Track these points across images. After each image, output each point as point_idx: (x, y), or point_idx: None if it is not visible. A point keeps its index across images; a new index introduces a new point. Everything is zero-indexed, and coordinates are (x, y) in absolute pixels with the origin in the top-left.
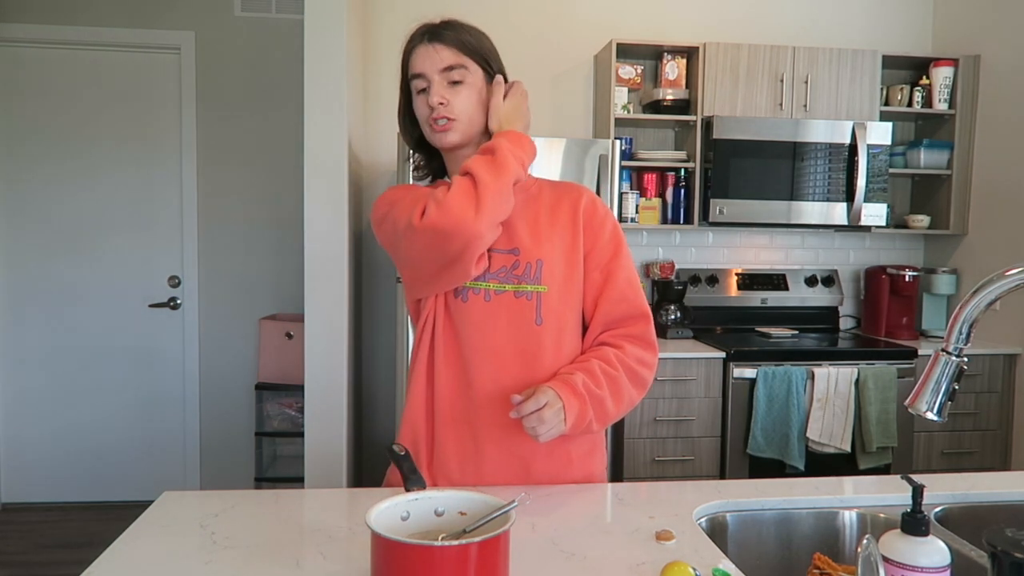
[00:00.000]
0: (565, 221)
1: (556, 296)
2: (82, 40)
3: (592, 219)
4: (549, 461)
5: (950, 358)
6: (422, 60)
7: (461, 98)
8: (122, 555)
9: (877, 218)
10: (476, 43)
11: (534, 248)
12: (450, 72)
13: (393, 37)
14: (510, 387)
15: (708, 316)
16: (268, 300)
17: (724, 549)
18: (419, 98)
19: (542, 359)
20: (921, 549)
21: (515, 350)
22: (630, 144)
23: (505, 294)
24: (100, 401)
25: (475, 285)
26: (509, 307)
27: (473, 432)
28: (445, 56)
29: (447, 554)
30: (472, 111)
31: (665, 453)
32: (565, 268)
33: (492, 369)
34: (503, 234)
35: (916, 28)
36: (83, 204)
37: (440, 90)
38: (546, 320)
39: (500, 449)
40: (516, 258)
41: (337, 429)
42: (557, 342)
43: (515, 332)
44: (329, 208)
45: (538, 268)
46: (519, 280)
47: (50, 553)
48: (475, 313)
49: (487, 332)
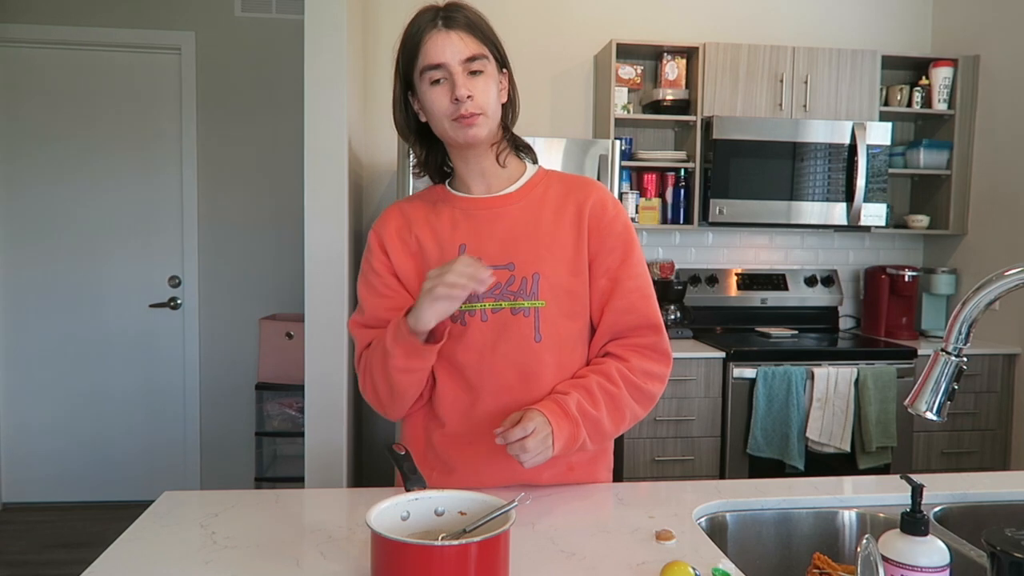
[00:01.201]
0: (568, 225)
1: (555, 310)
2: (82, 40)
3: (600, 221)
4: (552, 474)
5: (949, 358)
6: (440, 49)
7: (484, 89)
8: (122, 555)
9: (877, 218)
10: (488, 29)
11: (531, 261)
12: (472, 63)
13: (393, 37)
14: (512, 406)
15: (708, 316)
16: (268, 300)
17: (724, 549)
18: (435, 90)
19: (542, 376)
20: (920, 549)
21: (515, 370)
22: (630, 144)
23: (502, 312)
24: (100, 401)
25: (471, 307)
26: (506, 326)
27: (475, 450)
28: (469, 45)
29: (447, 554)
30: (494, 103)
31: (665, 453)
32: (567, 278)
33: (494, 389)
34: (498, 248)
35: (916, 28)
36: (83, 204)
37: (465, 80)
38: (545, 336)
39: (502, 467)
40: (511, 273)
41: (337, 429)
42: (558, 357)
43: (513, 351)
44: (329, 208)
45: (534, 282)
46: (515, 296)
47: (50, 553)
48: (473, 335)
49: (486, 354)
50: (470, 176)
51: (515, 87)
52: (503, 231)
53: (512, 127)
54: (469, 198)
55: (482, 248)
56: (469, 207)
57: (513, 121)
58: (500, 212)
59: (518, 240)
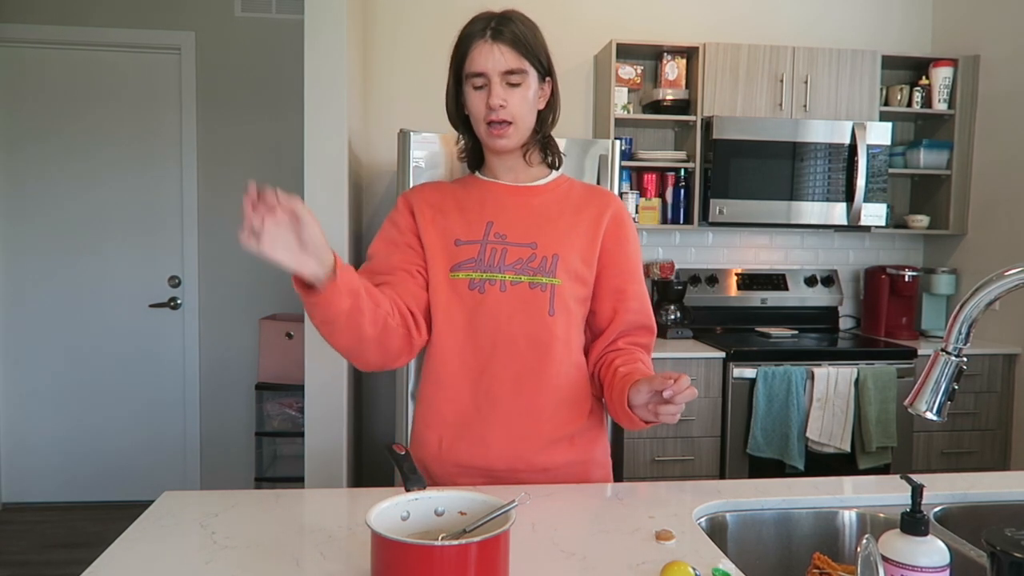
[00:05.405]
0: (587, 222)
1: (569, 290)
2: (82, 40)
3: (619, 228)
4: (554, 447)
5: (949, 358)
6: (484, 59)
7: (518, 100)
8: (122, 555)
9: (877, 218)
10: (534, 42)
11: (552, 243)
12: (510, 76)
13: (393, 37)
14: (522, 374)
15: (708, 316)
16: (268, 300)
17: (724, 549)
18: (476, 94)
19: (553, 348)
20: (920, 549)
21: (528, 339)
22: (630, 144)
23: (520, 285)
24: (101, 401)
25: (491, 277)
26: (523, 297)
27: (483, 416)
28: (508, 59)
29: (447, 554)
30: (526, 113)
31: (665, 453)
32: (581, 266)
33: (506, 357)
34: (523, 228)
35: (916, 28)
36: (83, 204)
37: (500, 91)
38: (558, 311)
39: (508, 433)
40: (533, 251)
41: (337, 429)
42: (567, 333)
43: (528, 321)
44: (329, 208)
45: (554, 262)
46: (535, 272)
47: (50, 553)
48: (491, 303)
49: (502, 321)
50: (500, 169)
51: (557, 95)
52: (529, 215)
53: (550, 131)
54: (499, 184)
55: (509, 226)
56: (499, 191)
57: (552, 125)
58: (526, 200)
59: (541, 225)
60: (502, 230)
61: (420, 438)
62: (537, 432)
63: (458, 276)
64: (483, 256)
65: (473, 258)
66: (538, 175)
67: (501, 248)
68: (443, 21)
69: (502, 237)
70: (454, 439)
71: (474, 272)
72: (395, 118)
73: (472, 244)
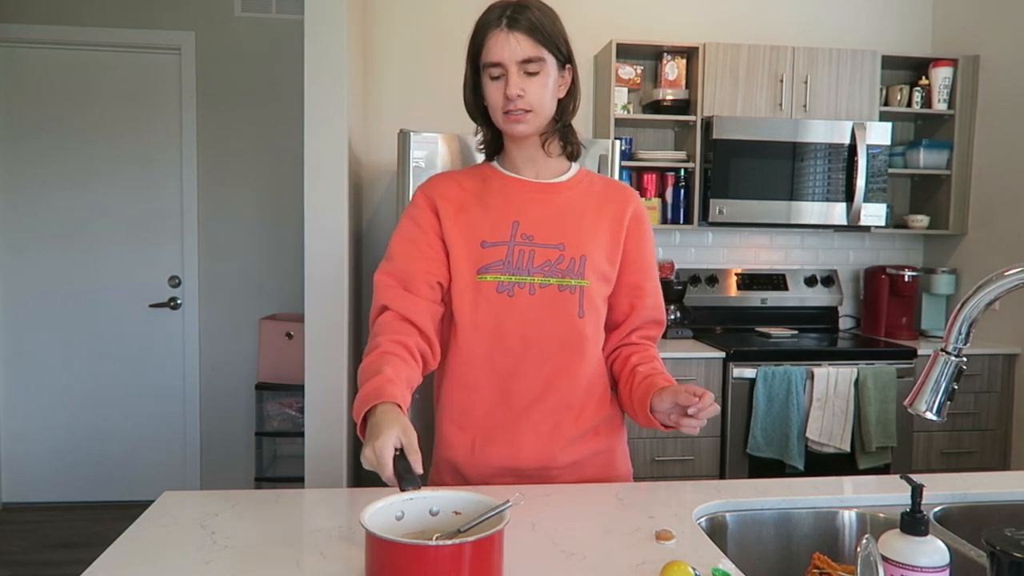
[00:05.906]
0: (609, 220)
1: (596, 291)
2: (82, 40)
3: (639, 226)
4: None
5: (949, 358)
6: (500, 49)
7: (536, 89)
8: (122, 555)
9: (876, 218)
10: (551, 29)
11: (579, 244)
12: (528, 64)
13: (393, 37)
14: (552, 376)
15: (708, 316)
16: (268, 300)
17: (724, 549)
18: (493, 85)
19: (585, 350)
20: (920, 549)
21: (559, 341)
22: (630, 144)
23: (549, 287)
24: (100, 401)
25: (520, 279)
26: (553, 300)
27: (514, 418)
28: (525, 48)
29: (441, 554)
30: (545, 101)
31: (665, 453)
32: (605, 265)
33: (536, 360)
34: (549, 228)
35: (915, 28)
36: (84, 205)
37: (517, 80)
38: (587, 312)
39: (538, 434)
40: (561, 253)
41: (337, 429)
42: (596, 334)
43: (558, 324)
44: (329, 208)
45: (582, 264)
46: (563, 275)
47: (50, 553)
48: (520, 306)
49: (531, 324)
50: (521, 161)
51: (577, 83)
52: (554, 214)
53: (571, 119)
54: (521, 179)
55: (535, 226)
56: (522, 189)
57: (573, 114)
58: (550, 198)
59: (567, 224)
60: (529, 231)
61: (451, 440)
62: (567, 430)
63: (485, 279)
64: (511, 258)
65: (501, 260)
66: (558, 168)
67: (529, 250)
68: (443, 21)
69: (529, 238)
70: (485, 442)
71: (502, 275)
72: (395, 118)
73: (499, 246)
